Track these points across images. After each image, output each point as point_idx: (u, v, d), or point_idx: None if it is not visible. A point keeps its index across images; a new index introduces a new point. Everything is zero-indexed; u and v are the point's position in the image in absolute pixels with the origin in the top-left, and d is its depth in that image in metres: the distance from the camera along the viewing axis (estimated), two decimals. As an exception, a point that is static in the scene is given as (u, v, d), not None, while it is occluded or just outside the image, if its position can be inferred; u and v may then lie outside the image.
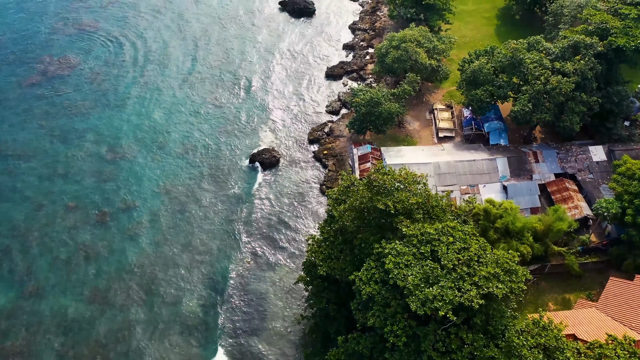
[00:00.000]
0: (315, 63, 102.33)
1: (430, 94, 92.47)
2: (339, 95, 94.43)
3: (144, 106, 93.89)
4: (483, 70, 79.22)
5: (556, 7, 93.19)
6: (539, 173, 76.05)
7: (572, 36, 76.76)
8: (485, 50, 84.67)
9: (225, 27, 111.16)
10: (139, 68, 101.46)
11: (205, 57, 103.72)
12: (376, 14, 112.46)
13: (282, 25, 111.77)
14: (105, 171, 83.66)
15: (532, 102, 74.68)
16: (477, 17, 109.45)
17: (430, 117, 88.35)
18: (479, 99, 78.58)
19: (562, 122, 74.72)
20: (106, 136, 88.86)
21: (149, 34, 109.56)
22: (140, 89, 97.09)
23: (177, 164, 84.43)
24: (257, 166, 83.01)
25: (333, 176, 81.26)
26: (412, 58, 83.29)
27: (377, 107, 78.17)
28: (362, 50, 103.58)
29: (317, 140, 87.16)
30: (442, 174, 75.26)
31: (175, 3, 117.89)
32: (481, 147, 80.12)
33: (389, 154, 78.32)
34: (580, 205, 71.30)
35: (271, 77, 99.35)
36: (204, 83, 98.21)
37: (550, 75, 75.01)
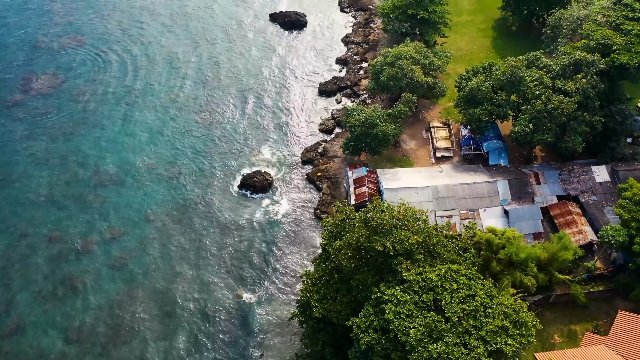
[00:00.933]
0: (307, 79, 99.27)
1: (426, 111, 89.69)
2: (332, 113, 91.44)
3: (130, 126, 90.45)
4: (481, 89, 76.57)
5: (554, 20, 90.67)
6: (541, 195, 73.42)
7: (574, 53, 74.19)
8: (483, 66, 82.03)
9: (214, 41, 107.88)
10: (125, 86, 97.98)
11: (193, 74, 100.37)
12: (369, 26, 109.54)
13: (273, 38, 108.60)
14: (90, 197, 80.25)
15: (533, 122, 72.08)
16: (472, 29, 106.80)
17: (427, 136, 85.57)
18: (478, 118, 75.98)
19: (564, 143, 72.10)
20: (91, 159, 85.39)
21: (135, 49, 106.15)
22: (127, 108, 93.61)
23: (165, 189, 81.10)
24: (248, 190, 79.86)
25: (327, 200, 78.32)
26: (407, 76, 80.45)
27: (373, 128, 75.29)
28: (355, 65, 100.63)
29: (311, 161, 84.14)
30: (441, 198, 72.45)
31: (161, 17, 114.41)
32: (480, 168, 77.42)
33: (385, 176, 75.46)
34: (585, 230, 68.69)
35: (262, 95, 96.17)
36: (192, 102, 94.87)
37: (551, 94, 72.44)
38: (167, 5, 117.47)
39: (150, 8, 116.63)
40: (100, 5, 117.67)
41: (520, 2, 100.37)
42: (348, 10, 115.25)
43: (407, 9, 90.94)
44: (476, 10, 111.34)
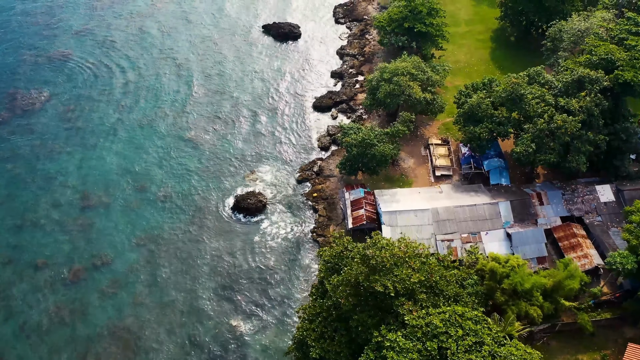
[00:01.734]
0: (302, 93, 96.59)
1: (424, 127, 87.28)
2: (328, 130, 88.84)
3: (119, 145, 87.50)
4: (482, 106, 74.22)
5: (554, 32, 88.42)
6: (544, 217, 71.15)
7: (577, 69, 71.91)
8: (482, 82, 79.78)
9: (206, 55, 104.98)
10: (115, 102, 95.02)
11: (183, 89, 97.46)
12: (365, 38, 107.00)
13: (266, 51, 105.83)
14: (78, 221, 77.34)
15: (536, 141, 69.80)
16: (470, 40, 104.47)
17: (426, 153, 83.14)
18: (478, 137, 73.62)
19: (568, 163, 69.83)
20: (79, 180, 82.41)
21: (124, 63, 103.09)
22: (115, 126, 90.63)
23: (155, 211, 78.29)
24: (241, 213, 77.16)
25: (324, 222, 75.75)
26: (405, 93, 78.02)
27: (370, 148, 72.82)
28: (351, 78, 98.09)
29: (306, 180, 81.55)
30: (441, 220, 70.04)
31: (150, 29, 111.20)
32: (481, 188, 75.08)
33: (383, 198, 73.02)
34: (590, 254, 66.45)
35: (255, 110, 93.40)
36: (183, 118, 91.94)
37: (554, 112, 70.19)
38: (156, 17, 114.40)
39: (139, 20, 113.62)
40: (87, 17, 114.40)
41: (518, 13, 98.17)
42: (343, 20, 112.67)
43: (404, 22, 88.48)
44: (474, 20, 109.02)
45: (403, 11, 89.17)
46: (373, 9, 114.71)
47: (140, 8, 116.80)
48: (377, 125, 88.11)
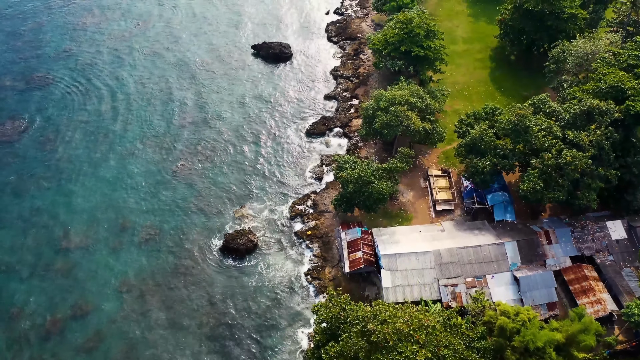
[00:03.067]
0: (294, 119, 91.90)
1: (424, 156, 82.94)
2: (322, 159, 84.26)
3: (101, 179, 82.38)
4: (485, 138, 70.00)
5: (557, 53, 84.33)
6: (553, 257, 66.98)
7: (585, 100, 67.74)
8: (484, 111, 75.54)
9: (193, 79, 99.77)
10: (96, 131, 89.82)
11: (169, 117, 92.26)
12: (359, 58, 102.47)
13: (257, 73, 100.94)
14: (57, 264, 72.33)
15: (543, 177, 65.60)
16: (469, 59, 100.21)
17: (426, 185, 78.77)
18: (482, 171, 69.39)
19: (578, 200, 65.77)
20: (58, 219, 77.36)
21: (107, 88, 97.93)
22: (98, 158, 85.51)
23: (139, 254, 73.35)
24: (231, 255, 72.39)
25: (319, 264, 71.21)
26: (403, 123, 73.63)
27: (367, 186, 68.34)
28: (345, 102, 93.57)
29: (300, 216, 76.93)
30: (444, 264, 65.71)
31: (135, 52, 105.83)
32: (485, 226, 70.80)
33: (382, 238, 68.59)
34: (603, 299, 62.36)
35: (244, 139, 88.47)
36: (168, 149, 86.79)
37: (562, 146, 66.02)
38: (141, 39, 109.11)
39: (124, 41, 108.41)
40: (69, 38, 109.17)
41: (519, 32, 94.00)
42: (336, 39, 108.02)
43: (400, 46, 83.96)
44: (472, 38, 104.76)
45: (399, 33, 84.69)
46: (367, 27, 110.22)
47: (125, 28, 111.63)
48: (374, 154, 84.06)
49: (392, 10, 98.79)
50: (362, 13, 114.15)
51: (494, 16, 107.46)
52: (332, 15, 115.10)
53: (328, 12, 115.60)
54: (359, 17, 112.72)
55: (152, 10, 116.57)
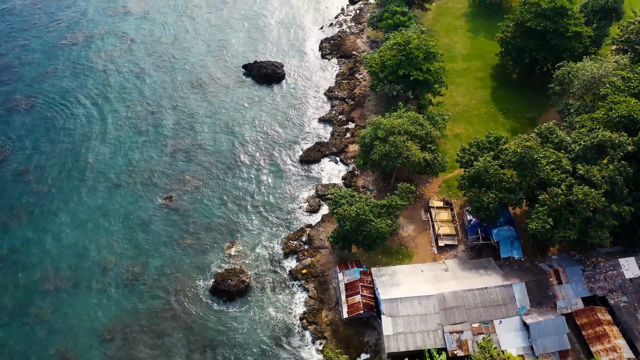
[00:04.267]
0: (287, 145, 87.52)
1: (424, 185, 78.85)
2: (317, 189, 79.99)
3: (84, 213, 77.82)
4: (490, 171, 65.96)
5: (562, 75, 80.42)
6: (564, 298, 62.98)
7: (596, 131, 63.80)
8: (488, 140, 71.51)
9: (183, 101, 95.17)
10: (78, 160, 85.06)
11: (158, 143, 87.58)
12: (355, 77, 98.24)
13: (248, 94, 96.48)
14: (35, 308, 67.82)
15: (553, 215, 61.66)
16: (469, 78, 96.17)
17: (427, 218, 74.67)
18: (487, 207, 65.38)
19: (590, 239, 61.82)
20: (37, 258, 72.72)
21: (90, 113, 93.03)
22: (80, 189, 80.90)
23: (123, 296, 68.89)
24: (222, 298, 67.89)
25: (315, 306, 66.90)
26: (402, 155, 69.53)
27: (365, 225, 64.15)
28: (341, 126, 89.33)
29: (294, 253, 72.64)
30: (449, 308, 61.58)
31: (118, 74, 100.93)
32: (491, 264, 66.78)
33: (382, 279, 64.41)
34: (619, 346, 58.43)
35: (234, 168, 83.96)
36: (155, 179, 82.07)
37: (572, 181, 62.09)
38: (126, 59, 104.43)
39: (108, 62, 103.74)
40: (53, 57, 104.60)
41: (521, 51, 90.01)
42: (330, 56, 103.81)
43: (398, 69, 79.80)
44: (472, 55, 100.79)
45: (397, 55, 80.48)
46: (362, 43, 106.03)
47: (112, 47, 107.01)
48: (372, 183, 79.96)
49: (388, 28, 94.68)
50: (357, 29, 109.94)
51: (493, 31, 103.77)
52: (326, 31, 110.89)
53: (322, 28, 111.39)
54: (354, 33, 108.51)
55: (141, 28, 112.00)
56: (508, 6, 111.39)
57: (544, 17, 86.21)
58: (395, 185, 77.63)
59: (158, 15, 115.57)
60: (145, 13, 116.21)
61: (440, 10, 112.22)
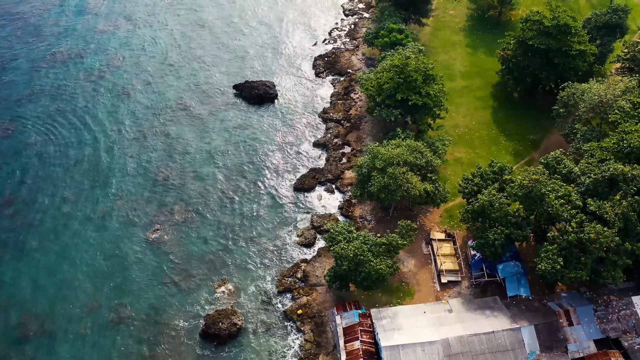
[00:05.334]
0: (280, 172, 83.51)
1: (424, 215, 75.11)
2: (312, 220, 76.08)
3: (66, 249, 73.28)
4: (495, 205, 62.36)
5: (567, 96, 76.94)
6: (575, 341, 59.36)
7: (607, 164, 60.28)
8: (492, 170, 67.90)
9: (172, 124, 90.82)
10: (61, 190, 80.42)
11: (145, 171, 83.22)
12: (350, 97, 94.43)
13: (239, 117, 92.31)
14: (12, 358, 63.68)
15: (563, 253, 58.08)
16: (469, 97, 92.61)
17: (428, 251, 70.97)
18: (492, 244, 61.76)
19: (602, 279, 58.30)
20: (15, 300, 68.15)
21: (77, 137, 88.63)
22: (62, 223, 76.29)
23: (108, 341, 64.31)
24: (212, 340, 63.81)
25: (311, 350, 62.90)
26: (402, 188, 65.81)
27: (363, 265, 60.36)
28: (336, 150, 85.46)
29: (289, 291, 68.70)
30: (454, 354, 57.77)
31: (104, 95, 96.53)
32: (498, 304, 63.03)
33: (383, 323, 60.52)
34: (635, 395, 55.09)
35: (226, 196, 79.72)
36: (144, 211, 77.74)
37: (582, 218, 58.51)
38: (111, 78, 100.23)
39: (93, 82, 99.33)
40: (36, 76, 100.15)
41: (523, 70, 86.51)
42: (324, 75, 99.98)
43: (396, 93, 76.02)
44: (471, 73, 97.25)
45: (394, 78, 76.71)
46: (358, 60, 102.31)
47: (99, 65, 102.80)
48: (369, 213, 76.23)
49: (384, 46, 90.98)
50: (352, 45, 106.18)
51: (492, 47, 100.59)
52: (320, 47, 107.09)
53: (316, 44, 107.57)
54: (349, 50, 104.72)
55: (130, 45, 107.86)
56: (507, 20, 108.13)
57: (547, 36, 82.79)
58: (394, 216, 74.36)
59: (148, 31, 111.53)
60: (134, 29, 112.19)
61: (438, 25, 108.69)
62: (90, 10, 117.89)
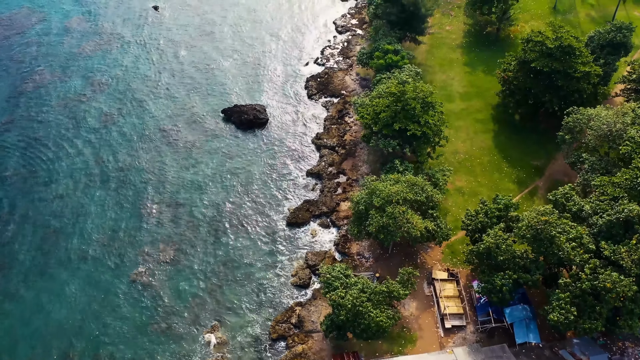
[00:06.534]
0: (272, 204, 78.97)
1: (425, 252, 71.03)
2: (307, 259, 71.71)
3: (44, 294, 68.26)
4: (501, 247, 58.37)
5: (573, 123, 73.09)
6: (591, 395, 55.70)
7: (622, 205, 56.28)
8: (497, 207, 63.86)
9: (156, 153, 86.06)
10: (39, 228, 75.42)
11: (127, 205, 78.34)
12: (344, 121, 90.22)
13: (227, 144, 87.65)
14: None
15: (576, 301, 54.12)
16: (468, 120, 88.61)
17: (430, 291, 66.83)
18: (500, 289, 57.75)
19: (619, 329, 54.36)
20: (-8, 351, 64.01)
21: (55, 169, 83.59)
22: (39, 265, 71.20)
23: (88, 399, 60.32)
24: (201, 398, 59.84)
25: (308, 407, 58.88)
26: (402, 228, 61.68)
27: (362, 316, 56.13)
28: (331, 180, 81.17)
29: (283, 338, 64.27)
30: (461, 414, 53.95)
31: (84, 121, 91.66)
32: (506, 353, 58.92)
33: (384, 377, 56.55)
34: None
35: (215, 233, 75.00)
36: (127, 250, 72.86)
37: (596, 263, 54.56)
38: (91, 103, 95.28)
39: (75, 107, 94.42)
40: (12, 104, 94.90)
41: (525, 93, 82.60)
42: (317, 97, 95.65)
43: (393, 122, 71.84)
44: (470, 93, 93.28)
45: (391, 106, 72.54)
46: (352, 81, 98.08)
47: (75, 92, 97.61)
48: (367, 249, 72.13)
49: (379, 68, 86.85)
50: (346, 64, 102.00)
51: (491, 65, 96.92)
52: (312, 67, 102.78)
53: (307, 64, 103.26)
54: (342, 70, 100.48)
55: (110, 67, 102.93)
56: (506, 36, 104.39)
57: (550, 57, 78.93)
58: (393, 253, 70.29)
59: (128, 52, 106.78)
60: (114, 50, 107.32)
61: (434, 42, 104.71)
62: (70, 30, 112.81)
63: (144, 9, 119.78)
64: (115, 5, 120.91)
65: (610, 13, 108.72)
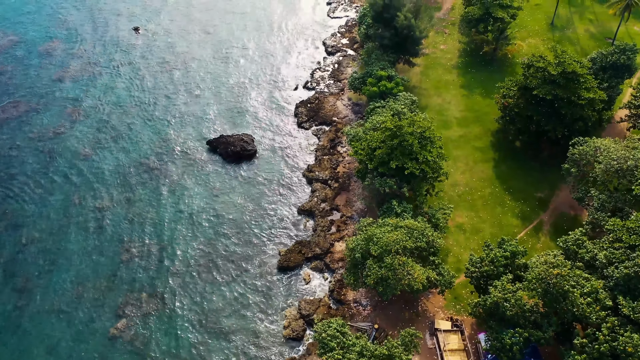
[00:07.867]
0: (262, 246, 73.99)
1: (427, 298, 66.49)
2: (300, 307, 66.87)
3: (23, 346, 63.68)
4: (510, 300, 53.95)
5: (580, 155, 68.93)
6: None
7: (639, 254, 52.22)
8: (503, 255, 59.38)
9: (138, 188, 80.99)
10: (14, 276, 70.26)
11: (107, 249, 73.10)
12: (336, 151, 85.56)
13: (213, 180, 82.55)
14: None
15: None
16: (466, 149, 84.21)
17: (433, 343, 62.31)
18: (510, 349, 53.32)
19: (639, 391, 50.26)
20: None
21: (28, 209, 78.27)
22: (13, 320, 66.14)
23: None
24: None
25: None
26: (402, 281, 57.07)
27: (362, 384, 51.54)
28: (324, 217, 76.44)
29: (275, 400, 59.79)
30: None
31: (63, 160, 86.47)
32: (517, 416, 54.73)
33: None
34: None
35: (200, 279, 69.92)
36: (107, 300, 67.71)
37: (614, 322, 50.25)
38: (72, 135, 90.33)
39: (51, 139, 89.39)
40: None
41: (527, 120, 78.40)
42: (307, 124, 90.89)
43: (390, 160, 67.23)
44: (468, 118, 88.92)
45: (387, 142, 67.95)
46: (343, 107, 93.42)
47: (52, 123, 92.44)
48: (364, 297, 67.47)
49: (372, 96, 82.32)
50: (337, 87, 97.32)
51: (489, 86, 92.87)
52: (301, 91, 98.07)
53: (297, 88, 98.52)
54: (333, 94, 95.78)
55: (89, 95, 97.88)
56: (503, 55, 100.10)
57: (553, 84, 74.80)
58: (392, 300, 65.58)
59: (108, 79, 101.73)
60: (92, 77, 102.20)
61: (429, 62, 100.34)
62: (47, 55, 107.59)
63: (124, 30, 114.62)
64: (93, 27, 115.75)
65: (609, 28, 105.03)
